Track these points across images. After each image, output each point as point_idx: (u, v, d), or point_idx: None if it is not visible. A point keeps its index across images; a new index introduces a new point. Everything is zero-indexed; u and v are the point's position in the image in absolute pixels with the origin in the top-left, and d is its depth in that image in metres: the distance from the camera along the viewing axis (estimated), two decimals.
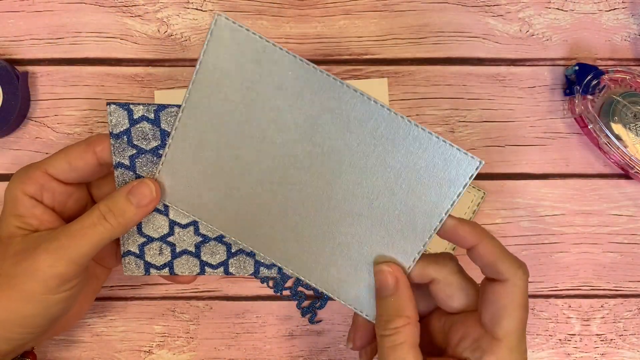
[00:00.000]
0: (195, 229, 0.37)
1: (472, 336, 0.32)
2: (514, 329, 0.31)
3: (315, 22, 0.47)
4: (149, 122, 0.35)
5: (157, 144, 0.35)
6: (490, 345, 0.31)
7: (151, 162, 0.35)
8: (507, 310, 0.31)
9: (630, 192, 0.47)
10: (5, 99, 0.44)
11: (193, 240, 0.38)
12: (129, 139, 0.35)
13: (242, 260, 0.38)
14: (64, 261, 0.33)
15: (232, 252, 0.38)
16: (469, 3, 0.48)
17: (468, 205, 0.46)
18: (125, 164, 0.35)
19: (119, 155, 0.35)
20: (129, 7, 0.47)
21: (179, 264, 0.38)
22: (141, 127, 0.35)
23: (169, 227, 0.37)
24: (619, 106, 0.45)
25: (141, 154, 0.35)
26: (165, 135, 0.35)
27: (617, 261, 0.47)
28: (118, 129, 0.35)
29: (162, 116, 0.34)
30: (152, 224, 0.37)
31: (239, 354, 0.46)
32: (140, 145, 0.35)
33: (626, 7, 0.48)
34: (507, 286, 0.31)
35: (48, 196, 0.36)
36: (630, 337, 0.46)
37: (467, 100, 0.47)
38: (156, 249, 0.38)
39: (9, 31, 0.47)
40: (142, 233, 0.37)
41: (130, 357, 0.46)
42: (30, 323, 0.34)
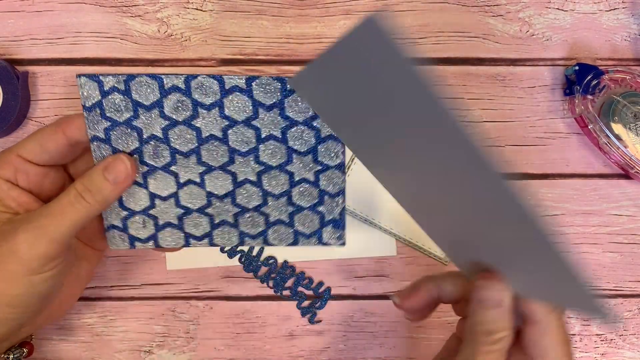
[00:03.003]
0: (176, 201, 0.37)
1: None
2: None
3: (315, 22, 0.47)
4: (119, 93, 0.35)
5: (129, 115, 0.35)
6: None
7: (126, 134, 0.35)
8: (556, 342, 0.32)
9: (630, 192, 0.47)
10: (5, 99, 0.44)
11: (175, 212, 0.38)
12: (102, 111, 0.35)
13: (226, 232, 0.38)
14: (44, 241, 0.33)
15: (215, 223, 0.38)
16: (469, 3, 0.48)
17: None
18: (101, 137, 0.35)
19: (93, 128, 0.35)
20: (129, 7, 0.47)
21: (164, 237, 0.38)
22: (112, 98, 0.35)
23: (150, 199, 0.37)
24: (619, 106, 0.45)
25: (115, 126, 0.35)
26: (137, 106, 0.35)
27: (617, 261, 0.47)
28: (90, 102, 0.35)
29: (132, 86, 0.35)
30: (133, 197, 0.37)
31: (239, 354, 0.46)
32: (113, 117, 0.35)
33: (626, 7, 0.48)
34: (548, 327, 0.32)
35: (23, 178, 0.36)
36: (630, 337, 0.46)
37: (467, 100, 0.47)
38: (139, 222, 0.38)
39: (9, 31, 0.47)
40: (123, 206, 0.37)
41: (130, 357, 0.46)
42: (18, 302, 0.34)
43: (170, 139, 0.36)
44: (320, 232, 0.38)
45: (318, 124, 0.35)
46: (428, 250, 0.46)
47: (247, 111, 0.35)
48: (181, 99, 0.35)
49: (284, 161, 0.36)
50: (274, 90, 0.35)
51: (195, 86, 0.34)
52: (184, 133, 0.36)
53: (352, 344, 0.46)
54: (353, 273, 0.47)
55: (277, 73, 0.47)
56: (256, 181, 0.37)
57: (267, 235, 0.38)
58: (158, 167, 0.36)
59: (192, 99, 0.35)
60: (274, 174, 0.37)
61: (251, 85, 0.35)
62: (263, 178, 0.37)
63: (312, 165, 0.36)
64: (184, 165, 0.36)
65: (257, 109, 0.35)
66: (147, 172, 0.37)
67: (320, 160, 0.36)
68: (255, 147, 0.36)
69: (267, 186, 0.37)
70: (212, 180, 0.37)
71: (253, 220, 0.38)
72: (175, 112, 0.35)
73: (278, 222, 0.38)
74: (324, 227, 0.38)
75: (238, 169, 0.37)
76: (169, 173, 0.37)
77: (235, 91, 0.35)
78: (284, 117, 0.35)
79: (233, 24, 0.47)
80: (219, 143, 0.36)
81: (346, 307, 0.46)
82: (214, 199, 0.37)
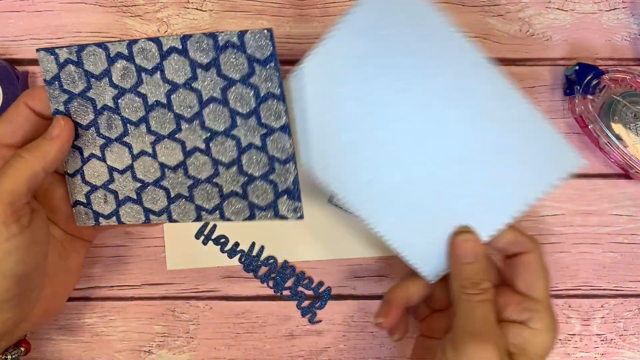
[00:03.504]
0: (132, 174, 0.38)
1: (514, 303, 0.36)
2: (546, 289, 0.36)
3: (315, 22, 0.47)
4: (73, 64, 0.36)
5: (83, 86, 0.36)
6: (534, 306, 0.36)
7: (82, 107, 0.37)
8: (537, 274, 0.37)
9: (630, 192, 0.47)
10: (5, 99, 0.44)
11: (132, 186, 0.38)
12: (60, 84, 0.36)
13: (182, 206, 0.38)
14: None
15: (171, 197, 0.38)
16: (469, 3, 0.48)
17: None
18: (61, 110, 0.37)
19: (55, 101, 0.37)
20: (129, 7, 0.47)
21: (124, 213, 0.39)
22: (68, 70, 0.36)
23: (108, 173, 0.38)
24: (619, 106, 0.45)
25: (73, 99, 0.37)
26: (89, 77, 0.36)
27: (617, 261, 0.47)
28: (49, 75, 0.36)
29: (84, 57, 0.36)
30: (94, 172, 0.38)
31: (239, 354, 0.46)
32: (70, 89, 0.36)
33: (626, 7, 0.48)
34: (532, 255, 0.37)
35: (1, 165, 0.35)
36: (630, 337, 0.46)
37: None
38: (101, 197, 0.38)
39: (9, 31, 0.47)
40: (85, 181, 0.38)
41: (130, 357, 0.46)
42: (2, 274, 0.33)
43: (121, 108, 0.37)
44: (275, 204, 0.37)
45: (255, 81, 0.35)
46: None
47: (186, 73, 0.35)
48: (126, 66, 0.36)
49: (228, 125, 0.36)
50: (208, 48, 0.35)
51: (137, 51, 0.35)
52: (132, 101, 0.36)
53: (352, 344, 0.46)
54: (353, 273, 0.47)
55: None
56: (204, 149, 0.37)
57: (222, 209, 0.38)
58: (112, 138, 0.37)
59: (136, 65, 0.36)
60: (221, 140, 0.36)
61: (186, 45, 0.35)
62: (211, 145, 0.37)
63: (257, 128, 0.36)
64: (136, 135, 0.37)
65: (195, 70, 0.35)
66: (103, 145, 0.37)
67: (263, 122, 0.35)
68: (198, 113, 0.36)
69: (216, 154, 0.37)
70: (163, 150, 0.37)
71: (207, 192, 0.38)
72: (122, 80, 0.36)
73: (232, 194, 0.37)
74: (279, 198, 0.37)
75: (186, 136, 0.37)
76: (123, 144, 0.37)
77: (173, 52, 0.35)
78: (221, 77, 0.35)
79: (233, 24, 0.47)
80: (165, 110, 0.36)
81: (346, 307, 0.46)
82: (167, 170, 0.37)
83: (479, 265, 0.36)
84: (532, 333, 0.35)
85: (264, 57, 0.34)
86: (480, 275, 0.36)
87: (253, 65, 0.34)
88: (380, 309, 0.40)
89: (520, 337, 0.35)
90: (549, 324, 0.36)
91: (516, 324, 0.36)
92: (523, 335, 0.35)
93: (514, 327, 0.36)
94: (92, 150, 0.38)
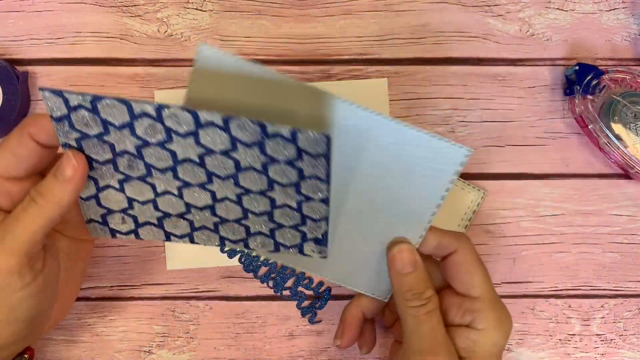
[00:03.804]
0: (155, 206, 0.36)
1: (454, 306, 0.36)
2: (484, 283, 0.35)
3: (315, 22, 0.47)
4: (87, 110, 0.32)
5: (100, 130, 0.32)
6: (474, 305, 0.35)
7: (98, 146, 0.33)
8: (471, 272, 0.36)
9: (631, 192, 0.47)
10: (5, 99, 0.44)
11: (154, 214, 0.36)
12: (70, 123, 0.32)
13: (206, 234, 0.37)
14: (5, 255, 0.31)
15: (195, 227, 0.37)
16: (469, 3, 0.48)
17: (468, 205, 0.46)
18: (73, 145, 0.33)
19: (64, 136, 0.33)
20: (129, 7, 0.47)
21: (144, 232, 0.37)
22: (80, 114, 0.32)
23: (127, 202, 0.36)
24: (619, 106, 0.45)
25: (86, 138, 0.33)
26: (107, 124, 0.32)
27: (617, 261, 0.47)
28: (57, 114, 0.32)
29: (100, 108, 0.31)
30: (110, 200, 0.35)
31: (239, 354, 0.46)
32: (83, 130, 0.32)
33: (626, 7, 0.48)
34: (460, 254, 0.36)
35: (6, 200, 0.34)
36: (630, 337, 0.46)
37: (467, 100, 0.47)
38: (118, 219, 0.36)
39: (9, 31, 0.47)
40: (101, 205, 0.36)
41: (130, 357, 0.46)
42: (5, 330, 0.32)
43: (145, 155, 0.33)
44: (301, 245, 0.37)
45: (302, 166, 0.33)
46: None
47: (225, 144, 0.32)
48: (152, 124, 0.32)
49: (265, 188, 0.34)
50: (254, 132, 0.32)
51: (167, 116, 0.31)
52: (158, 153, 0.33)
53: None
54: None
55: None
56: (236, 200, 0.35)
57: (247, 242, 0.38)
58: (134, 177, 0.35)
59: (165, 126, 0.32)
60: (255, 197, 0.35)
61: (228, 123, 0.31)
62: (243, 198, 0.35)
63: (295, 195, 0.35)
64: (161, 179, 0.34)
65: (235, 143, 0.32)
66: (122, 179, 0.35)
67: (303, 192, 0.34)
68: (234, 174, 0.34)
69: (247, 205, 0.35)
70: (190, 194, 0.35)
71: (234, 229, 0.37)
72: (148, 134, 0.32)
73: (259, 233, 0.37)
74: (305, 242, 0.37)
75: (217, 188, 0.35)
76: (146, 183, 0.35)
77: (212, 126, 0.32)
78: (264, 155, 0.33)
79: (233, 24, 0.47)
80: (197, 166, 0.34)
81: None
82: (193, 208, 0.36)
83: (419, 274, 0.36)
84: (478, 334, 0.35)
85: (315, 153, 0.32)
86: (422, 284, 0.35)
87: (302, 154, 0.32)
88: (337, 329, 0.41)
89: (468, 340, 0.35)
90: (493, 320, 0.35)
91: (462, 327, 0.35)
92: (470, 337, 0.35)
93: (460, 331, 0.35)
94: (109, 182, 0.35)
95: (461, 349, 0.35)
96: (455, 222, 0.46)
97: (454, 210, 0.46)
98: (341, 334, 0.40)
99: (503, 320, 0.35)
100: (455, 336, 0.35)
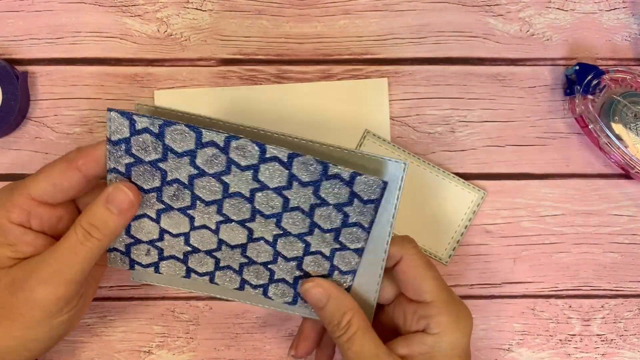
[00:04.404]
0: (186, 240, 0.37)
1: (409, 313, 0.36)
2: (435, 287, 0.35)
3: (315, 22, 0.47)
4: (152, 135, 0.33)
5: (157, 157, 0.33)
6: (427, 310, 0.35)
7: (149, 173, 0.34)
8: (419, 277, 0.35)
9: (631, 192, 0.47)
10: (5, 99, 0.44)
11: (182, 249, 0.37)
12: (128, 148, 0.33)
13: (228, 275, 0.38)
14: (61, 285, 0.33)
15: (220, 265, 0.38)
16: (469, 3, 0.48)
17: (468, 205, 0.46)
18: (120, 170, 0.34)
19: (114, 161, 0.33)
20: (128, 6, 0.47)
21: (165, 266, 0.38)
22: (142, 138, 0.33)
23: (159, 233, 0.36)
24: (619, 106, 0.45)
25: (139, 164, 0.34)
26: (167, 150, 0.33)
27: (617, 261, 0.47)
28: (116, 137, 0.33)
29: (167, 132, 0.32)
30: (142, 229, 0.36)
31: (239, 354, 0.46)
32: (138, 155, 0.33)
33: (626, 7, 0.48)
34: (405, 261, 0.35)
35: (36, 222, 0.35)
36: (630, 338, 0.46)
37: (467, 100, 0.47)
38: (143, 250, 0.37)
39: (9, 31, 0.47)
40: (130, 234, 0.36)
41: (130, 357, 0.46)
42: (36, 347, 0.34)
43: (195, 186, 0.34)
44: None
45: (349, 211, 0.34)
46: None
47: (281, 181, 0.34)
48: (216, 154, 0.33)
49: (304, 232, 0.35)
50: (314, 171, 0.33)
51: (235, 147, 0.33)
52: (210, 184, 0.34)
53: None
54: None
55: (277, 73, 0.47)
56: (271, 242, 0.36)
57: (267, 289, 0.38)
58: (175, 208, 0.35)
59: (228, 157, 0.33)
60: (291, 240, 0.36)
61: (292, 161, 0.33)
62: (279, 241, 0.36)
63: (332, 242, 0.35)
64: (203, 211, 0.35)
65: (291, 182, 0.34)
66: (162, 209, 0.35)
67: (341, 240, 0.35)
68: (279, 213, 0.35)
69: (280, 249, 0.36)
70: (227, 231, 0.36)
71: (258, 272, 0.38)
72: (207, 165, 0.33)
73: (282, 281, 0.38)
74: None
75: (256, 227, 0.36)
76: (185, 215, 0.35)
77: (275, 161, 0.33)
78: (316, 196, 0.34)
79: (233, 23, 0.47)
80: (244, 201, 0.35)
81: None
82: (224, 246, 0.37)
83: (332, 304, 0.35)
84: (433, 339, 0.34)
85: (367, 198, 0.33)
86: (338, 314, 0.35)
87: (353, 199, 0.33)
88: (293, 342, 0.41)
89: (425, 345, 0.35)
90: (448, 323, 0.34)
91: (418, 334, 0.35)
92: (426, 342, 0.35)
93: (417, 337, 0.35)
94: (146, 211, 0.35)
95: (419, 355, 0.35)
96: (456, 222, 0.46)
97: (454, 210, 0.46)
98: (296, 344, 0.40)
99: (460, 321, 0.35)
100: (412, 343, 0.35)
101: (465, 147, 0.47)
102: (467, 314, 0.36)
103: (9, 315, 0.33)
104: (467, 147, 0.47)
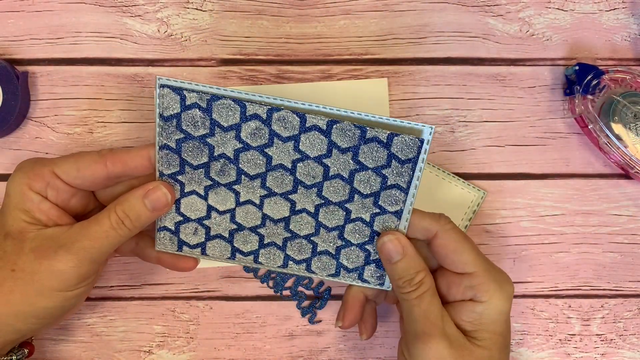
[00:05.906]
0: (232, 217, 0.38)
1: (454, 284, 0.37)
2: (475, 257, 0.36)
3: (315, 22, 0.47)
4: (200, 110, 0.35)
5: (205, 132, 0.35)
6: (472, 281, 0.36)
7: (197, 149, 0.36)
8: (458, 251, 0.36)
9: (630, 192, 0.47)
10: (5, 99, 0.44)
11: (228, 227, 0.38)
12: (179, 123, 0.35)
13: (272, 253, 0.39)
14: (87, 262, 0.35)
15: (264, 242, 0.39)
16: (469, 3, 0.48)
17: (468, 205, 0.46)
18: (171, 146, 0.36)
19: (166, 137, 0.35)
20: (128, 7, 0.47)
21: (211, 247, 0.39)
22: (192, 113, 0.35)
23: (207, 210, 0.38)
24: (619, 106, 0.45)
25: (188, 139, 0.36)
26: (215, 125, 0.35)
27: (617, 261, 0.47)
28: (168, 112, 0.35)
29: (215, 107, 0.35)
30: (190, 206, 0.38)
31: (239, 354, 0.46)
32: (188, 130, 0.35)
33: (626, 7, 0.48)
34: (443, 236, 0.36)
35: (52, 194, 0.36)
36: (630, 337, 0.46)
37: (467, 100, 0.47)
38: (191, 229, 0.38)
39: (9, 31, 0.47)
40: (179, 212, 0.38)
41: (130, 357, 0.46)
42: (46, 314, 0.36)
43: (240, 160, 0.36)
44: (363, 268, 0.39)
45: (387, 173, 0.36)
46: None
47: (322, 149, 0.35)
48: (260, 127, 0.35)
49: (344, 199, 0.37)
50: (353, 136, 0.35)
51: (277, 118, 0.35)
52: (254, 158, 0.36)
53: (352, 344, 0.46)
54: None
55: (277, 73, 0.47)
56: (313, 212, 0.38)
57: (310, 263, 0.39)
58: (222, 183, 0.37)
59: (270, 129, 0.35)
60: (332, 209, 0.37)
61: (331, 128, 0.35)
62: (320, 211, 0.37)
63: (371, 207, 0.37)
64: (247, 186, 0.37)
65: (331, 149, 0.35)
66: (209, 186, 0.37)
67: (380, 204, 0.37)
68: (320, 182, 0.36)
69: (322, 219, 0.38)
70: (271, 204, 0.37)
71: (301, 246, 0.39)
72: (251, 138, 0.35)
73: (324, 253, 0.39)
74: (367, 265, 0.39)
75: (299, 198, 0.37)
76: (231, 191, 0.37)
77: (315, 130, 0.35)
78: (355, 161, 0.36)
79: (233, 23, 0.47)
80: (287, 173, 0.36)
81: None
82: (268, 221, 0.38)
83: (408, 260, 0.36)
84: (483, 306, 0.36)
85: (404, 158, 0.35)
86: (412, 270, 0.36)
87: (391, 161, 0.35)
88: (339, 311, 0.41)
89: (474, 313, 0.36)
90: (494, 291, 0.36)
91: (465, 302, 0.36)
92: (476, 310, 0.36)
93: (465, 306, 0.36)
94: (195, 188, 0.37)
95: (468, 322, 0.36)
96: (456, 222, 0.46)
97: (454, 210, 0.46)
98: (343, 316, 0.40)
99: (503, 287, 0.36)
100: (461, 311, 0.36)
101: (465, 147, 0.47)
102: (507, 280, 0.37)
103: (29, 280, 0.34)
104: (467, 147, 0.47)
